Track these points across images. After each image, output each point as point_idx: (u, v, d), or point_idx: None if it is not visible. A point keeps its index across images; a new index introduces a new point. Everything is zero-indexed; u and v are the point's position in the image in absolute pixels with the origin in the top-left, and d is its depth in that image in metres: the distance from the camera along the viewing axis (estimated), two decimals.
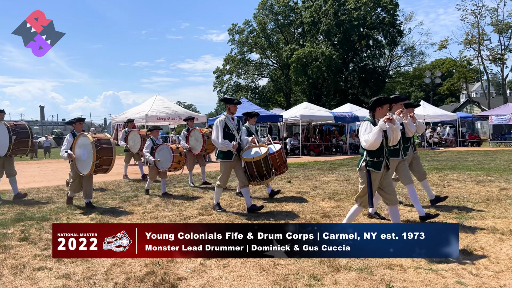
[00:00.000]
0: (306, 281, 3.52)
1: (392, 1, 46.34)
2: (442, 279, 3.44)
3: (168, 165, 8.10)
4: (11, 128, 7.86)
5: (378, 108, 4.50)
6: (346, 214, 4.79)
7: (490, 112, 26.24)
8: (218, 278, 3.68)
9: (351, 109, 23.13)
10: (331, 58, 43.71)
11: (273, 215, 6.36)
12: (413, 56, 52.69)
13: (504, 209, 6.25)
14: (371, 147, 4.34)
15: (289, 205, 7.07)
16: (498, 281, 3.40)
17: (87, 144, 6.87)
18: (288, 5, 50.26)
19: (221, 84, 53.16)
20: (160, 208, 7.13)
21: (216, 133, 6.35)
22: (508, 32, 38.54)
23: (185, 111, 18.30)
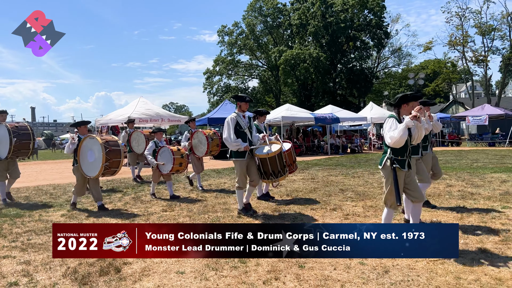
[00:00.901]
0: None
1: (379, 4, 47.06)
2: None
3: (169, 167, 7.94)
4: (12, 130, 7.67)
5: (404, 105, 4.43)
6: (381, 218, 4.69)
7: (467, 113, 27.02)
8: (159, 262, 4.23)
9: (332, 110, 23.75)
10: (318, 60, 44.33)
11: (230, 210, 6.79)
12: (400, 58, 53.55)
13: (437, 204, 6.84)
14: (396, 144, 4.25)
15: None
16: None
17: (95, 146, 6.77)
18: (276, 7, 50.86)
19: (211, 85, 53.65)
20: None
21: (228, 132, 6.12)
22: (491, 34, 39.38)
23: (168, 113, 18.83)
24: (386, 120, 4.47)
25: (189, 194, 8.71)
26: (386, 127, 4.39)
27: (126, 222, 6.05)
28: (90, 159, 6.86)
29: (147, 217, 6.45)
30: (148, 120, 16.81)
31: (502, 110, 25.67)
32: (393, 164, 4.35)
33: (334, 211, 6.53)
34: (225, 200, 7.78)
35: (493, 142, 24.68)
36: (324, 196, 7.84)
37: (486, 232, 5.00)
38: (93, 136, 7.01)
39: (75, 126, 7.64)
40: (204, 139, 9.16)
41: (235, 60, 52.50)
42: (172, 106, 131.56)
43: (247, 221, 6.04)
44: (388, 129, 4.34)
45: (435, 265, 3.78)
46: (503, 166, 12.35)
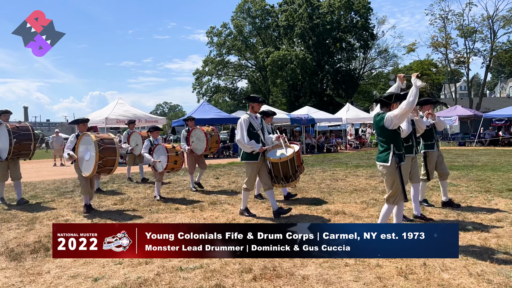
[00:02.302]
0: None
1: (365, 6, 47.90)
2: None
3: (164, 165, 7.76)
4: (12, 131, 7.54)
5: (394, 104, 4.60)
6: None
7: (439, 114, 27.84)
8: None
9: (308, 111, 24.59)
10: (305, 61, 45.05)
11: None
12: (387, 59, 54.45)
13: (355, 196, 7.58)
14: (407, 112, 4.32)
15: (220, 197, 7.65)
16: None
17: (89, 144, 6.62)
18: (265, 9, 51.54)
19: (200, 86, 54.35)
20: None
21: (242, 133, 5.99)
22: (472, 36, 40.25)
23: (145, 115, 19.52)
24: (384, 117, 4.52)
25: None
26: (391, 114, 4.42)
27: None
28: (86, 157, 6.70)
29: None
30: (125, 121, 17.52)
31: (471, 111, 26.58)
32: (400, 161, 4.45)
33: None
34: (218, 200, 7.74)
35: (464, 142, 25.60)
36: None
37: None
38: (88, 134, 6.79)
39: (74, 123, 7.45)
40: (202, 136, 8.96)
41: (224, 60, 53.16)
42: (166, 105, 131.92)
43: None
44: (392, 118, 4.40)
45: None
46: (452, 165, 13.20)
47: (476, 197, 7.30)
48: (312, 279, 3.66)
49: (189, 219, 6.17)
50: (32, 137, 7.83)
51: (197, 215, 6.49)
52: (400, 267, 3.83)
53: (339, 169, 12.88)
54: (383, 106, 4.70)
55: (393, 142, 4.52)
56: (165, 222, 6.05)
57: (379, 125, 4.62)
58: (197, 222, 5.93)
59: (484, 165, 12.52)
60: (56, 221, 6.36)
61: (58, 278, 3.91)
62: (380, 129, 4.60)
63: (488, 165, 12.63)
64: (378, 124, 4.65)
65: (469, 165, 12.93)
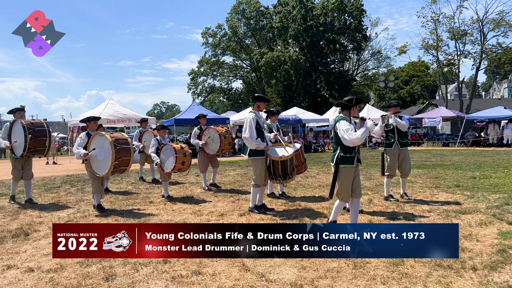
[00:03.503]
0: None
1: (358, 8, 48.57)
2: None
3: (171, 166, 7.75)
4: (27, 127, 7.39)
5: (354, 107, 4.97)
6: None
7: (423, 115, 28.64)
8: None
9: (296, 112, 25.27)
10: (298, 62, 45.68)
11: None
12: (380, 60, 55.13)
13: (317, 191, 8.26)
14: (355, 144, 4.78)
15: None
16: None
17: (105, 144, 6.54)
18: (259, 10, 52.06)
19: (195, 86, 54.95)
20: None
21: (250, 131, 6.18)
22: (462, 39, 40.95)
23: (134, 115, 20.14)
24: (340, 122, 4.87)
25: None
26: (343, 128, 4.78)
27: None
28: (100, 157, 6.64)
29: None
30: (115, 121, 18.22)
31: (454, 113, 27.28)
32: (342, 163, 4.90)
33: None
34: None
35: (448, 142, 26.33)
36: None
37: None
38: (102, 133, 6.72)
39: (84, 121, 7.33)
40: (217, 136, 8.84)
41: (219, 61, 53.75)
42: (164, 105, 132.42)
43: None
44: (346, 130, 4.74)
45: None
46: (423, 164, 13.92)
47: (423, 192, 7.98)
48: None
49: (194, 218, 6.23)
50: (47, 133, 7.69)
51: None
52: None
53: (316, 167, 13.54)
54: (344, 109, 5.04)
55: (340, 145, 4.94)
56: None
57: (334, 126, 5.04)
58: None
59: (451, 164, 13.19)
60: (39, 213, 6.87)
61: (33, 256, 4.58)
62: (335, 131, 5.01)
63: (455, 164, 13.30)
64: (334, 124, 5.06)
65: (438, 164, 13.60)
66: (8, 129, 7.75)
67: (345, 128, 4.78)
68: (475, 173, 10.47)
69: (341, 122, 4.87)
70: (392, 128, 7.29)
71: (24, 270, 4.08)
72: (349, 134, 4.75)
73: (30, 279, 3.85)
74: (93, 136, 6.77)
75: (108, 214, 6.66)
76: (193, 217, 6.33)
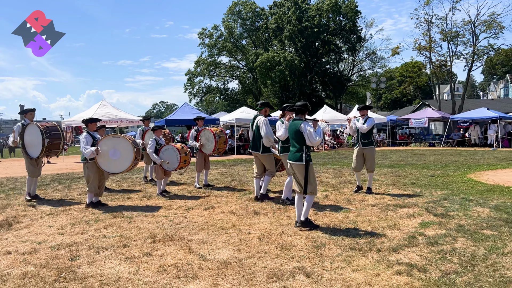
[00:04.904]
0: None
1: (353, 9, 49.21)
2: None
3: (175, 165, 8.29)
4: (44, 131, 7.86)
5: (306, 112, 5.64)
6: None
7: (410, 115, 29.35)
8: (40, 223, 6.41)
9: None
10: (293, 63, 46.39)
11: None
12: (375, 61, 55.82)
13: None
14: (317, 143, 5.54)
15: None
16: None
17: (121, 145, 7.26)
18: (255, 11, 52.80)
19: (192, 86, 55.66)
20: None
21: (269, 130, 7.38)
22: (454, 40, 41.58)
23: (127, 116, 20.84)
24: (304, 125, 5.43)
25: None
26: (310, 130, 5.37)
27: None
28: (114, 156, 7.21)
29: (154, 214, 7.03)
30: (108, 121, 18.92)
31: (439, 114, 27.97)
32: (310, 160, 5.48)
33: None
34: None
35: (433, 143, 27.04)
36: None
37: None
38: (118, 135, 7.41)
39: (85, 123, 7.68)
40: (211, 137, 9.39)
41: (216, 61, 54.42)
42: (163, 104, 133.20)
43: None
44: (312, 132, 5.36)
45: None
46: (397, 163, 14.62)
47: (379, 189, 8.71)
48: (193, 242, 5.07)
49: (163, 211, 6.90)
50: (61, 136, 8.22)
51: (174, 207, 7.24)
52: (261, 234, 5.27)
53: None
54: (299, 113, 5.61)
55: (304, 144, 5.47)
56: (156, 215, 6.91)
57: (295, 129, 5.50)
58: (168, 215, 6.92)
59: (423, 164, 13.90)
60: (24, 207, 7.59)
61: (13, 242, 5.30)
62: (296, 133, 5.50)
63: (426, 163, 14.02)
64: (295, 128, 5.51)
65: (411, 163, 14.30)
66: (20, 129, 8.08)
67: (312, 130, 5.40)
68: (437, 172, 11.17)
69: (304, 124, 5.43)
70: (357, 129, 8.23)
71: (3, 253, 4.81)
72: (315, 135, 5.39)
73: (6, 260, 4.57)
74: (105, 137, 7.41)
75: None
76: (162, 211, 7.03)
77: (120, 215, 6.70)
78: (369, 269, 3.96)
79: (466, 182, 9.12)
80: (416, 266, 3.98)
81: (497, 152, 18.96)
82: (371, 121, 8.24)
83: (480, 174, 10.43)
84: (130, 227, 5.93)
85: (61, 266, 4.27)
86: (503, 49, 41.04)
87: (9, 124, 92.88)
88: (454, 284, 3.54)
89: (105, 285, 3.75)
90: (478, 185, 8.64)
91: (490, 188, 8.21)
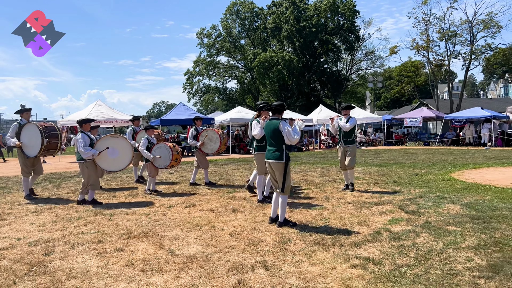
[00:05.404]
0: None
1: (351, 9, 49.29)
2: None
3: (167, 163, 8.58)
4: (43, 131, 7.99)
5: (283, 111, 5.76)
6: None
7: (404, 115, 29.46)
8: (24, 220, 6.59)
9: None
10: (291, 62, 46.54)
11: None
12: (373, 60, 55.89)
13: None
14: (296, 142, 5.60)
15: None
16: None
17: (120, 144, 7.75)
18: (253, 11, 53.00)
19: (191, 86, 55.85)
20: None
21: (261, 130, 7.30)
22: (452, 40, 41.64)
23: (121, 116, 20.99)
24: (282, 124, 5.53)
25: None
26: (289, 129, 5.49)
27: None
28: (112, 155, 7.62)
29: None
30: (102, 121, 19.12)
31: (434, 113, 28.09)
32: (289, 159, 5.59)
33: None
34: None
35: (428, 142, 27.16)
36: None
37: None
38: (117, 135, 7.83)
39: (79, 123, 7.82)
40: (216, 137, 9.63)
41: (215, 61, 54.59)
42: (163, 104, 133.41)
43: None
44: (290, 131, 5.48)
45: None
46: (386, 162, 14.76)
47: (361, 187, 8.86)
48: (166, 238, 5.24)
49: (145, 209, 7.06)
50: (59, 135, 8.38)
51: (156, 205, 7.45)
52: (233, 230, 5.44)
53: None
54: (276, 112, 5.72)
55: (284, 143, 5.57)
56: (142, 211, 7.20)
57: (273, 128, 5.59)
58: (151, 212, 7.16)
59: (411, 163, 14.03)
60: (10, 206, 7.84)
61: None
62: (274, 132, 5.58)
63: (414, 162, 14.16)
64: (273, 127, 5.60)
65: (400, 162, 14.44)
66: (16, 128, 8.16)
67: (290, 129, 5.54)
68: (421, 171, 11.32)
69: (283, 124, 5.56)
70: (340, 128, 8.46)
71: None
72: (294, 134, 5.53)
73: None
74: (103, 137, 7.72)
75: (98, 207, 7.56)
76: (144, 209, 7.20)
77: (102, 213, 6.88)
78: (327, 262, 4.12)
79: (446, 180, 9.26)
80: (373, 260, 4.14)
81: (489, 151, 19.08)
82: (353, 120, 8.46)
83: (463, 173, 10.57)
84: (109, 224, 6.10)
85: (34, 261, 4.44)
86: (500, 49, 41.07)
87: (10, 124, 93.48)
88: (404, 276, 3.70)
89: (72, 278, 3.92)
90: (456, 183, 8.79)
91: (468, 186, 8.36)
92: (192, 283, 3.72)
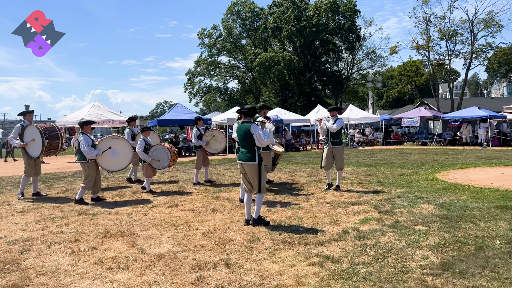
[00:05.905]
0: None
1: (351, 9, 49.28)
2: None
3: (165, 164, 8.88)
4: (43, 132, 8.21)
5: (254, 115, 5.95)
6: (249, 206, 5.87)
7: (402, 115, 29.52)
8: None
9: (278, 112, 26.29)
10: (291, 62, 46.63)
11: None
12: (374, 60, 55.82)
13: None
14: (266, 144, 6.15)
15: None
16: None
17: (120, 145, 8.09)
18: (254, 11, 53.15)
19: (192, 86, 56.09)
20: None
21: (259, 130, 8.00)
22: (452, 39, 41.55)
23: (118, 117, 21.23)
24: (253, 127, 5.69)
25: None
26: (259, 132, 5.67)
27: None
28: (113, 156, 7.97)
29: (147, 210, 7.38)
30: (99, 122, 19.36)
31: (431, 113, 28.13)
32: (262, 160, 5.79)
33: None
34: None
35: (425, 142, 27.20)
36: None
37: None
38: (118, 136, 8.16)
39: (81, 125, 8.10)
40: (222, 137, 10.05)
41: (216, 61, 54.78)
42: (166, 104, 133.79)
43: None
44: (261, 133, 5.65)
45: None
46: (377, 162, 14.86)
47: (345, 187, 8.99)
48: (141, 238, 5.35)
49: (129, 209, 7.23)
50: (60, 136, 8.66)
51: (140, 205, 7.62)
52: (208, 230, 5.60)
53: (278, 165, 14.57)
54: (247, 116, 5.90)
55: (255, 145, 5.74)
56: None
57: (245, 131, 5.74)
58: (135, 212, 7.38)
59: (401, 163, 14.12)
60: (1, 206, 8.11)
61: None
62: (246, 134, 5.74)
63: (405, 162, 14.25)
64: (245, 129, 5.75)
65: (390, 162, 14.54)
66: (19, 130, 8.47)
67: (261, 132, 5.72)
68: (408, 171, 11.42)
69: (253, 127, 5.73)
70: (327, 129, 8.62)
71: None
72: (264, 137, 5.73)
73: None
74: (105, 138, 8.06)
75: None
76: (127, 209, 7.37)
77: (85, 213, 7.06)
78: (287, 260, 4.27)
79: (429, 180, 9.37)
80: (332, 258, 4.28)
81: (484, 151, 19.12)
82: (340, 122, 8.62)
83: (448, 173, 10.67)
84: (90, 223, 6.28)
85: (9, 259, 4.62)
86: (501, 48, 40.94)
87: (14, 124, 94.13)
88: (357, 273, 3.84)
89: (40, 275, 4.09)
90: (438, 183, 8.89)
91: (447, 186, 8.47)
92: (154, 280, 3.88)
